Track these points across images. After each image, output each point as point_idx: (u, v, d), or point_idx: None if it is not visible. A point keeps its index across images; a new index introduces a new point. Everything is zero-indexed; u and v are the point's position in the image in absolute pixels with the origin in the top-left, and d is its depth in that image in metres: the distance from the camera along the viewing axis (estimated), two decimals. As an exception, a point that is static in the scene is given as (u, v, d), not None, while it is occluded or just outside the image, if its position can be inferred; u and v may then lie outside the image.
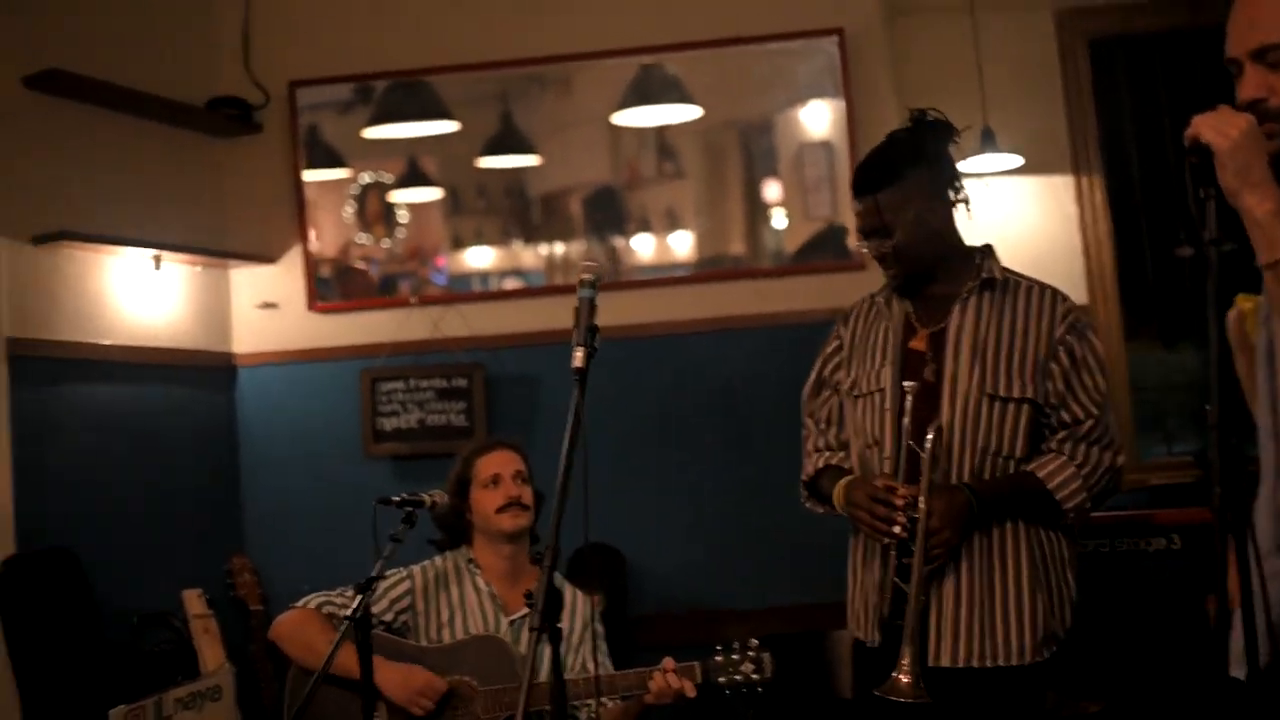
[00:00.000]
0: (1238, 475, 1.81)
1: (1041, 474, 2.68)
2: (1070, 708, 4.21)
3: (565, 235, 4.82)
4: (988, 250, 2.87)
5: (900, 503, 2.61)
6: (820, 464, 2.93)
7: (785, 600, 4.40)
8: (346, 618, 2.70)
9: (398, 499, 2.98)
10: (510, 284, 4.80)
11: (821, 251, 4.66)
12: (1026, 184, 4.86)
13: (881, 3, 4.74)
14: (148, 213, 4.46)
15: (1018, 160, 4.76)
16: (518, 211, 4.85)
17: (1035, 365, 2.69)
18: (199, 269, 4.67)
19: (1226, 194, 1.81)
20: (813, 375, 2.99)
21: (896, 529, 2.61)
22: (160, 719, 3.47)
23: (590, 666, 3.27)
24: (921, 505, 2.59)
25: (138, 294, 4.40)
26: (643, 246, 4.83)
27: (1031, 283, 2.81)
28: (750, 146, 4.77)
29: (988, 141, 4.72)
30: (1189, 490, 3.94)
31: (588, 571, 4.33)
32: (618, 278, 4.74)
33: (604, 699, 3.24)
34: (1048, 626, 2.68)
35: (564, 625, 3.25)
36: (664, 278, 4.75)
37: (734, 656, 3.05)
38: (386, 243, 4.85)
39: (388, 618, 3.24)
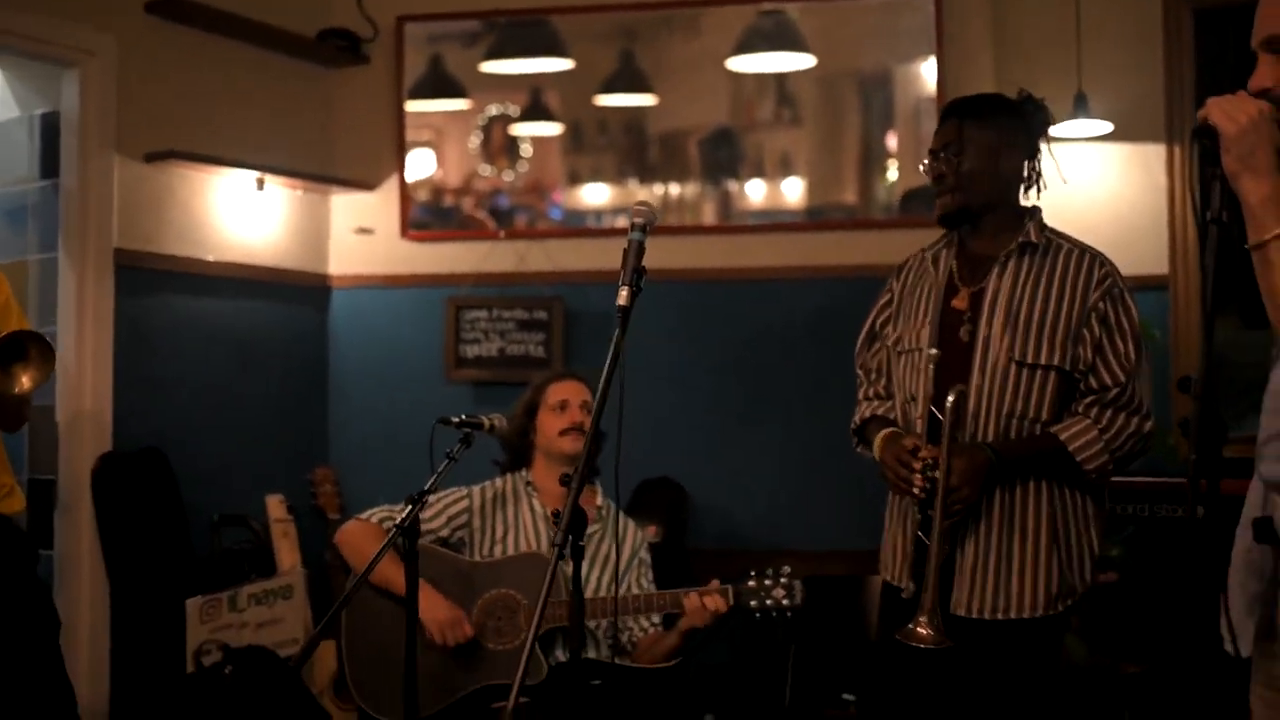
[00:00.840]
0: (1217, 444, 1.89)
1: (1064, 435, 2.72)
2: (1110, 669, 4.28)
3: (680, 176, 4.94)
4: (1034, 211, 2.90)
5: (920, 464, 2.68)
6: (867, 413, 3.01)
7: (843, 545, 4.51)
8: (395, 526, 2.88)
9: (457, 420, 3.15)
10: (623, 222, 4.94)
11: (928, 205, 4.71)
12: (1117, 151, 4.83)
13: (981, -36, 4.74)
14: (254, 137, 4.69)
15: (1108, 127, 4.73)
16: (635, 150, 4.96)
17: (1067, 332, 2.73)
18: (300, 193, 4.89)
19: (1228, 176, 1.88)
20: (865, 327, 3.06)
21: (916, 489, 2.68)
22: (234, 611, 3.73)
23: (635, 590, 3.43)
24: (942, 465, 2.65)
25: (240, 214, 4.63)
26: (755, 191, 4.93)
27: (1073, 245, 2.84)
28: (869, 98, 4.82)
29: (1080, 107, 4.70)
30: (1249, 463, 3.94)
31: (649, 504, 4.50)
32: (729, 220, 4.87)
33: (648, 623, 3.40)
34: (1064, 581, 2.74)
35: (613, 551, 3.43)
36: (770, 223, 4.86)
37: (766, 582, 3.19)
38: (509, 175, 5.02)
39: (444, 533, 3.43)
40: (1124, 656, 4.32)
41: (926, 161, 2.87)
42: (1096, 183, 4.85)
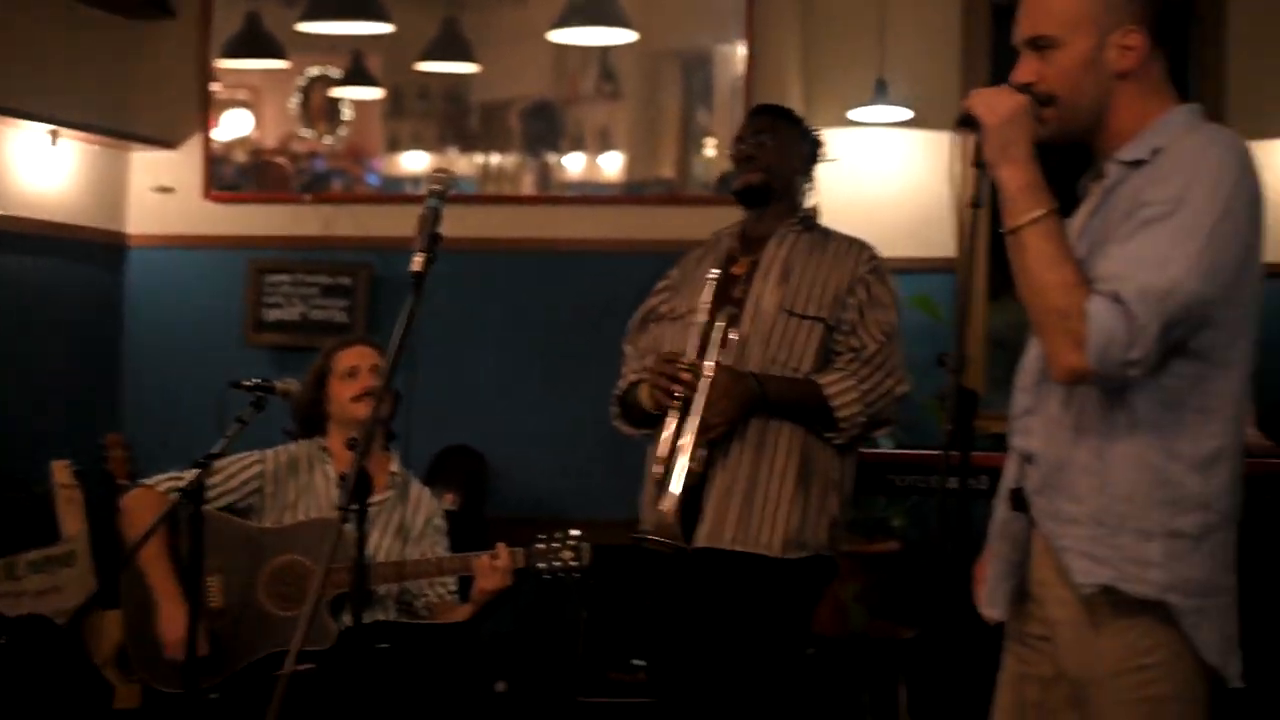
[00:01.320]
0: (967, 417, 2.01)
1: (823, 381, 2.87)
2: (886, 631, 4.48)
3: (501, 146, 4.93)
4: (812, 211, 3.15)
5: (684, 370, 2.81)
6: (633, 378, 3.10)
7: (637, 514, 4.59)
8: (181, 490, 2.84)
9: (250, 383, 3.12)
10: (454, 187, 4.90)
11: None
12: (914, 137, 5.01)
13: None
14: (50, 88, 4.52)
15: (907, 113, 4.92)
16: (456, 118, 4.94)
17: (835, 295, 2.93)
18: (97, 148, 4.73)
19: (987, 165, 1.99)
20: (640, 311, 3.19)
21: (679, 389, 2.80)
22: (11, 579, 3.61)
23: (431, 558, 3.45)
24: (708, 368, 2.79)
25: (33, 168, 4.46)
26: (574, 163, 4.95)
27: (844, 235, 3.08)
28: (689, 75, 4.89)
29: (880, 93, 4.87)
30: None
31: (448, 471, 4.52)
32: (548, 191, 4.89)
33: (444, 590, 3.42)
34: (800, 533, 2.87)
35: (406, 518, 3.44)
36: (588, 195, 4.91)
37: (555, 545, 3.25)
38: (329, 139, 4.94)
39: (235, 498, 3.39)
40: (904, 622, 4.52)
41: (733, 147, 3.10)
42: (894, 167, 5.03)
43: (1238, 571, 2.00)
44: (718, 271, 2.96)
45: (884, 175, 5.02)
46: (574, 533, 3.27)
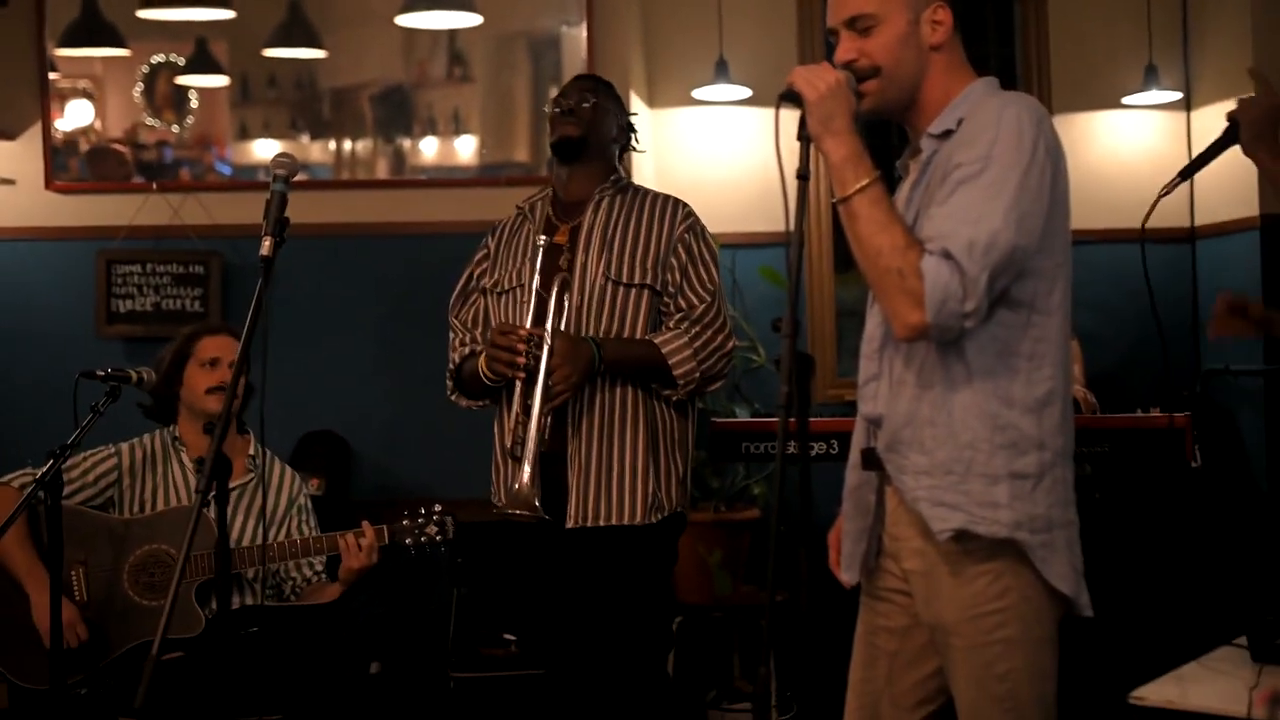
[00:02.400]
0: (804, 381, 2.12)
1: (658, 341, 2.98)
2: (751, 597, 4.61)
3: (353, 131, 4.92)
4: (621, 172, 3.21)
5: (522, 341, 2.88)
6: (466, 352, 3.17)
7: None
8: (36, 482, 2.82)
9: (103, 373, 3.11)
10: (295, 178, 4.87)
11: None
12: (754, 114, 5.15)
13: (629, -69, 4.94)
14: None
15: (746, 92, 5.05)
16: (306, 104, 4.91)
17: (656, 258, 3.01)
18: (-71, 141, 4.62)
19: (811, 138, 2.11)
20: (460, 283, 3.24)
21: (520, 359, 2.87)
22: None
23: (296, 540, 3.47)
24: (546, 342, 2.86)
25: None
26: (428, 147, 4.97)
27: (658, 194, 3.15)
28: (539, 58, 4.93)
29: (721, 72, 5.00)
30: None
31: (312, 456, 4.53)
32: (402, 175, 4.90)
33: (311, 572, 3.45)
34: (656, 494, 2.99)
35: (271, 499, 3.46)
36: (442, 179, 4.92)
37: (419, 520, 3.31)
38: (175, 128, 4.87)
39: (90, 493, 3.37)
40: (774, 586, 4.66)
41: (553, 104, 3.13)
42: (736, 144, 5.17)
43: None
44: (545, 239, 3.01)
45: (727, 152, 5.16)
46: (437, 507, 3.33)
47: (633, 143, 3.25)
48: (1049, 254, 2.09)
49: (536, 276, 2.97)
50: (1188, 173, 2.66)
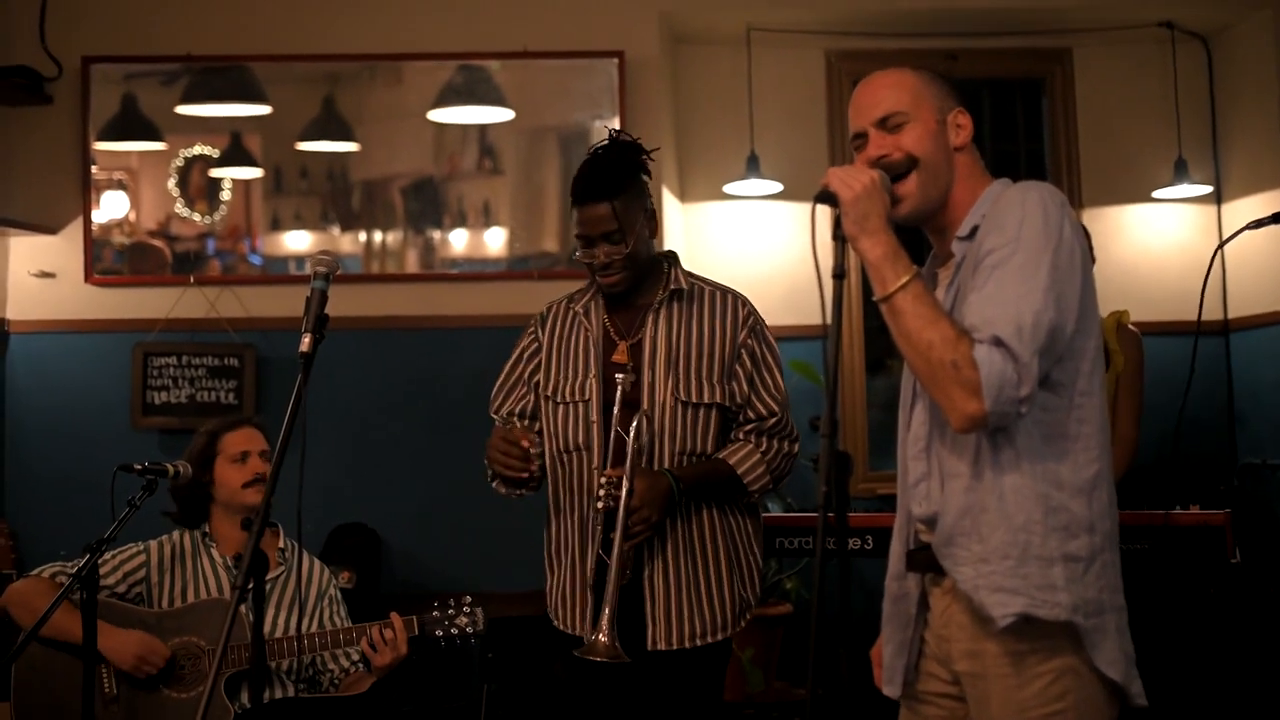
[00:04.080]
0: (843, 479, 2.11)
1: (731, 460, 2.94)
2: (785, 693, 4.56)
3: (384, 223, 4.99)
4: (673, 257, 3.07)
5: (603, 482, 2.83)
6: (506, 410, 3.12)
7: (534, 585, 4.62)
8: (72, 575, 2.82)
9: (140, 466, 3.12)
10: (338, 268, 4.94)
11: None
12: (786, 209, 5.20)
13: (661, 29, 5.03)
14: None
15: (777, 186, 5.10)
16: (338, 196, 4.98)
17: (723, 369, 2.95)
18: (-25, 236, 4.70)
19: (848, 238, 2.12)
20: (504, 374, 3.13)
21: (600, 504, 2.84)
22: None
23: (328, 627, 3.45)
24: (625, 484, 2.80)
25: (-91, 256, 4.41)
26: (458, 240, 5.03)
27: (714, 288, 3.04)
28: (568, 151, 5.00)
29: (752, 167, 5.06)
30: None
31: (342, 550, 4.52)
32: (432, 268, 4.96)
33: (348, 663, 3.43)
34: (742, 599, 2.99)
35: (299, 592, 3.44)
36: (472, 272, 4.98)
37: (450, 612, 3.28)
38: (209, 219, 4.94)
39: (121, 589, 3.36)
40: (799, 683, 4.61)
41: (582, 250, 2.94)
42: (768, 238, 5.21)
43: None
44: (626, 376, 2.89)
45: (758, 246, 5.21)
46: (467, 598, 3.31)
47: (647, 184, 3.04)
48: (1086, 334, 2.09)
49: (615, 411, 2.88)
50: None
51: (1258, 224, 2.91)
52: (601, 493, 2.84)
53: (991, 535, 2.06)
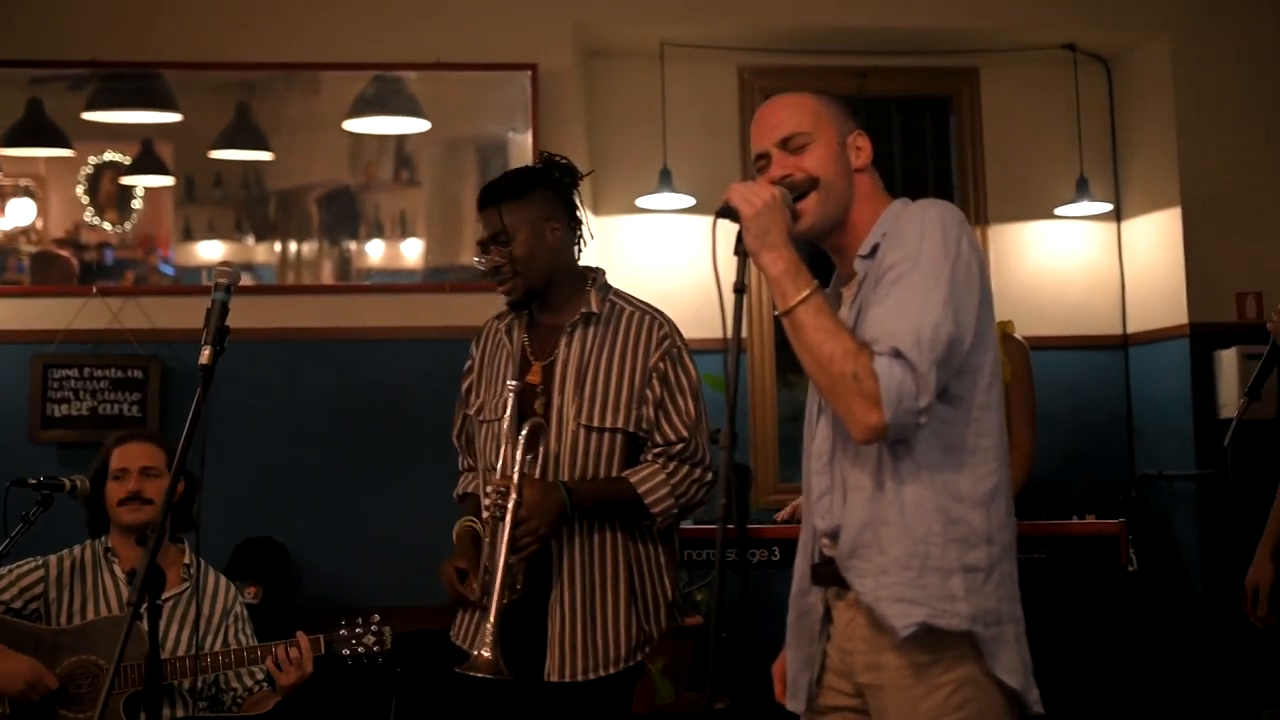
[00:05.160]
0: (743, 492, 2.13)
1: (634, 479, 2.86)
2: (696, 704, 4.57)
3: (299, 234, 4.94)
4: (597, 274, 3.03)
5: (490, 489, 2.77)
6: (465, 488, 3.11)
7: (444, 600, 4.61)
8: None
9: (34, 481, 3.06)
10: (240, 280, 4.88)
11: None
12: (699, 223, 5.23)
13: (575, 42, 5.05)
14: None
15: (690, 201, 5.14)
16: (253, 206, 4.92)
17: (630, 396, 2.88)
18: None
19: (749, 253, 2.15)
20: (458, 402, 3.12)
21: (485, 513, 2.77)
22: None
23: (233, 645, 3.41)
24: (513, 493, 2.73)
25: None
26: (374, 250, 4.99)
27: (635, 308, 2.98)
28: (486, 163, 4.99)
29: (665, 181, 5.08)
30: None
31: (249, 564, 4.46)
32: (348, 279, 4.92)
33: (252, 682, 3.38)
34: (642, 633, 2.90)
35: (206, 608, 3.40)
36: (388, 284, 4.94)
37: (357, 630, 3.26)
38: (119, 228, 4.86)
39: (17, 604, 3.28)
40: (713, 694, 4.62)
41: (478, 256, 2.94)
42: (680, 252, 5.24)
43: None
44: (516, 383, 2.87)
45: (670, 260, 5.24)
46: (375, 617, 3.29)
47: (575, 188, 3.04)
48: (984, 349, 2.13)
49: (506, 420, 2.84)
50: (1252, 393, 3.06)
51: (1241, 412, 3.03)
52: (487, 501, 2.77)
53: (893, 547, 2.09)
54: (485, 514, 2.77)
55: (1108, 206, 5.38)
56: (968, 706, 2.08)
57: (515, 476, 2.75)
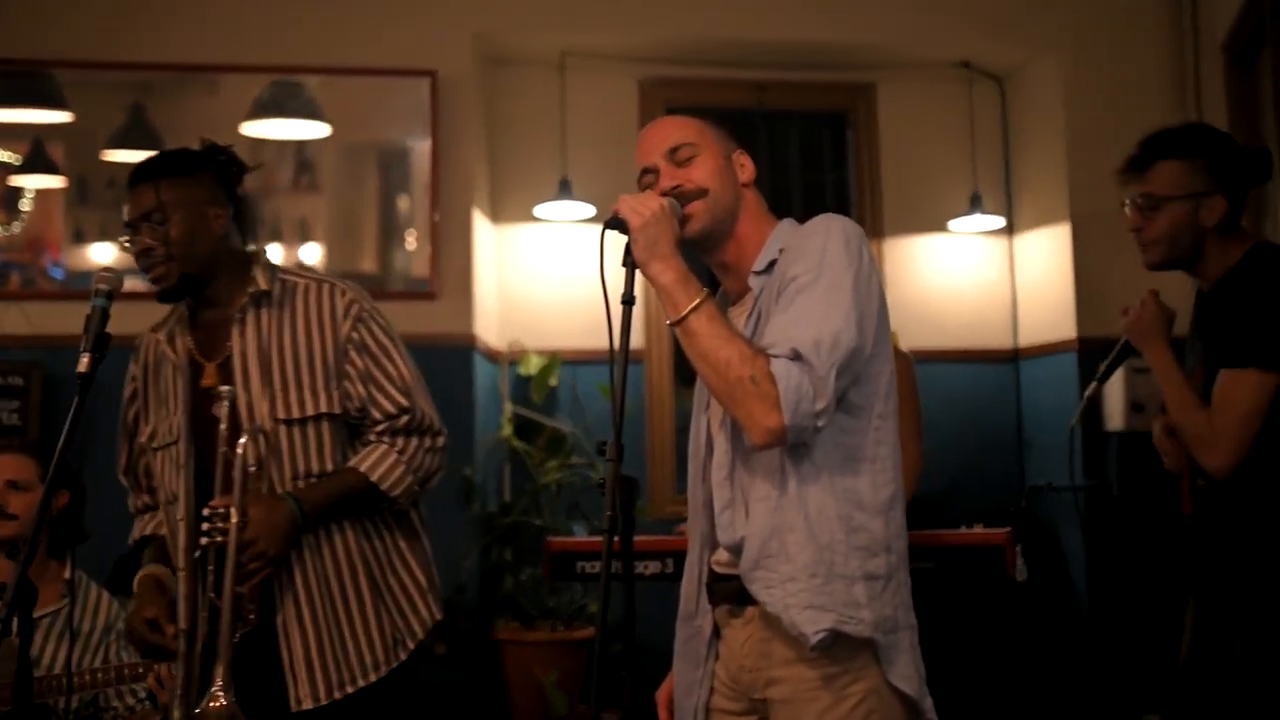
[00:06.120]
0: (629, 504, 2.13)
1: (364, 468, 2.60)
2: (588, 716, 4.56)
3: (196, 239, 4.84)
4: (259, 255, 2.72)
5: (208, 511, 2.45)
6: (143, 530, 2.79)
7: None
8: None
9: (-99, 493, 2.95)
10: (131, 283, 4.75)
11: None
12: (597, 232, 5.19)
13: (475, 50, 5.02)
14: None
15: (590, 210, 5.13)
16: (147, 209, 4.82)
17: (327, 373, 2.60)
18: None
19: (637, 263, 2.14)
20: (120, 428, 2.81)
21: (204, 539, 2.44)
22: None
23: (114, 662, 3.31)
24: (234, 514, 2.44)
25: None
26: (272, 255, 4.87)
27: (309, 280, 2.69)
28: (389, 169, 4.94)
29: (564, 191, 5.07)
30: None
31: (130, 578, 4.35)
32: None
33: (134, 700, 3.29)
34: (397, 628, 2.65)
35: (86, 625, 3.30)
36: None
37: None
38: (6, 229, 4.72)
39: None
40: (603, 706, 4.61)
41: (126, 237, 2.62)
42: (579, 261, 5.23)
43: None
44: (229, 389, 2.52)
45: (569, 269, 5.22)
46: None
47: (240, 170, 2.73)
48: (883, 360, 2.15)
49: (184, 435, 2.55)
50: (1102, 379, 2.98)
51: (1092, 394, 3.08)
52: (205, 526, 2.43)
53: (799, 554, 2.09)
54: (204, 540, 2.44)
55: (1000, 222, 5.48)
56: (872, 717, 2.09)
57: (235, 495, 2.44)
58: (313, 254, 4.95)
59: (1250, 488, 2.60)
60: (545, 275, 5.24)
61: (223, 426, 2.49)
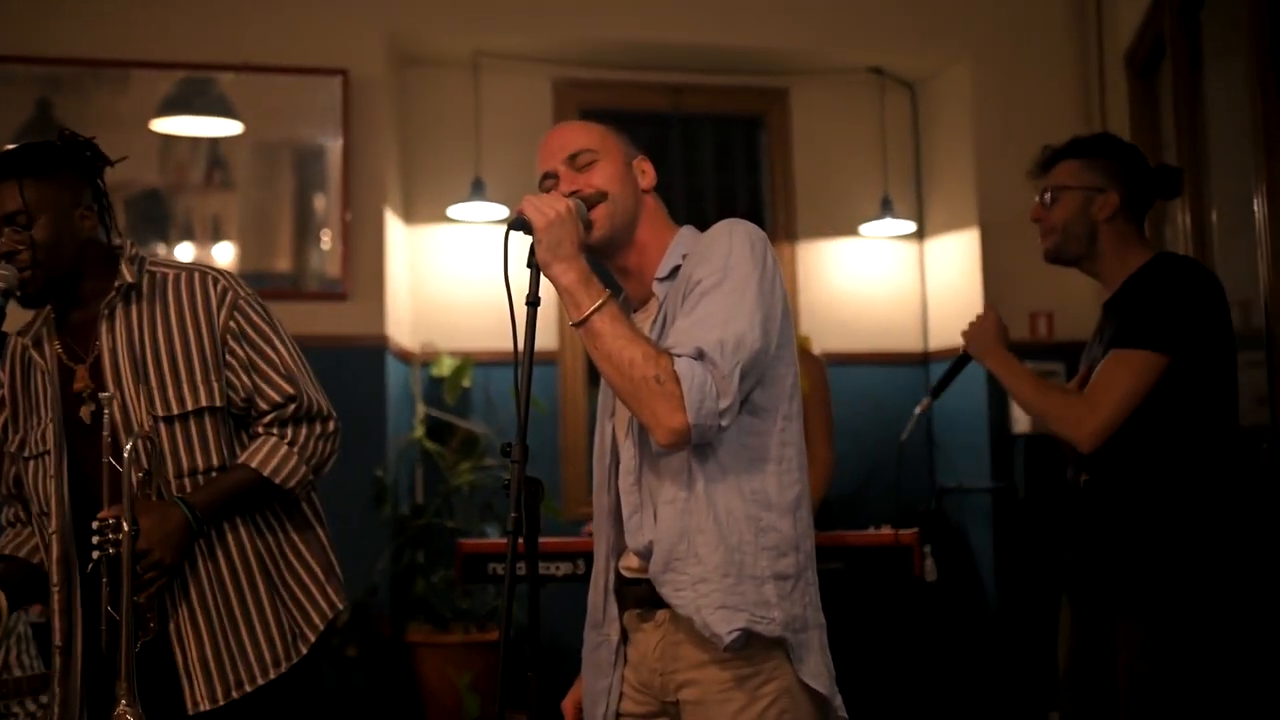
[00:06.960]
0: (533, 505, 2.12)
1: (254, 462, 2.52)
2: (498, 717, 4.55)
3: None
4: (125, 247, 2.61)
5: (97, 524, 2.36)
6: (5, 547, 2.65)
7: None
8: None
9: None
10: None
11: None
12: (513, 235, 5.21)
13: (388, 50, 4.98)
14: None
15: (503, 211, 5.12)
16: (54, 206, 4.72)
17: (206, 365, 2.52)
18: None
19: (540, 264, 2.14)
20: None
21: (95, 553, 2.35)
22: None
23: (15, 670, 3.25)
24: (125, 525, 2.34)
25: None
26: (184, 254, 4.83)
27: (179, 270, 2.59)
28: (305, 167, 4.88)
29: (477, 191, 5.06)
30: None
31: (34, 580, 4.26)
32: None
33: (35, 706, 3.23)
34: (293, 626, 2.59)
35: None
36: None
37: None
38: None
39: None
40: (516, 707, 4.60)
41: None
42: (491, 262, 5.21)
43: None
44: (109, 394, 2.45)
45: (481, 270, 5.21)
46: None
47: (113, 226, 2.62)
48: (787, 363, 2.17)
49: (52, 440, 2.45)
50: (936, 393, 3.07)
51: (924, 410, 3.20)
52: (96, 540, 2.35)
53: (710, 555, 2.10)
54: (95, 554, 2.36)
55: (911, 226, 5.55)
56: (785, 716, 2.11)
57: (124, 504, 2.36)
58: (226, 253, 4.88)
59: (1126, 487, 2.65)
60: (459, 276, 5.22)
61: (105, 435, 2.41)
